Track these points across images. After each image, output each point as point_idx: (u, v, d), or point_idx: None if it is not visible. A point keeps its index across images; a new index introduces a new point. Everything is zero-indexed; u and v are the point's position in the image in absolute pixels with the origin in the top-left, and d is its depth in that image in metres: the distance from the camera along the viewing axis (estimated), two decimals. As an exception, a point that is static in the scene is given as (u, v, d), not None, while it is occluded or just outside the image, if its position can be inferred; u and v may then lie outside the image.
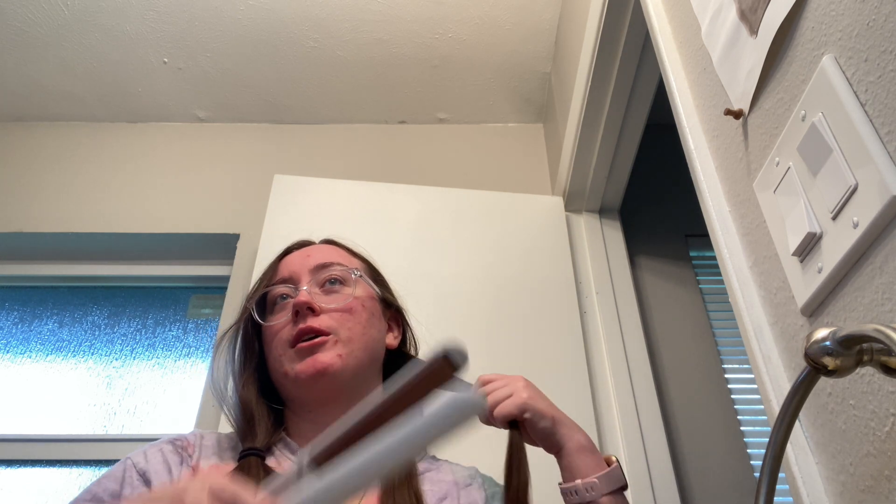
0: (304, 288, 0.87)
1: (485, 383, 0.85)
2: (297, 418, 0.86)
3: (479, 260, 1.60)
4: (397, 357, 0.95)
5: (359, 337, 0.86)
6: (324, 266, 0.90)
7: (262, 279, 0.94)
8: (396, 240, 1.59)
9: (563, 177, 1.77)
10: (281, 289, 0.90)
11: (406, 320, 0.99)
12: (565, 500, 0.80)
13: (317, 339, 0.83)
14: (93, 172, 2.01)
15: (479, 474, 0.88)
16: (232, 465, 0.79)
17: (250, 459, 0.77)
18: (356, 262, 0.95)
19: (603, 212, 1.81)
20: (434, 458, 0.90)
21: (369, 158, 2.06)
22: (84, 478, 1.63)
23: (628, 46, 1.38)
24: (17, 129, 2.10)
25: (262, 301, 0.91)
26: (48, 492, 1.63)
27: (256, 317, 0.89)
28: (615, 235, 1.78)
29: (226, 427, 1.00)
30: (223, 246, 1.84)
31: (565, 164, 1.74)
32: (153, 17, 1.86)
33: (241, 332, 0.91)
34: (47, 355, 1.84)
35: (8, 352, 1.85)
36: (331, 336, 0.84)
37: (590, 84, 1.49)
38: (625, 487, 0.80)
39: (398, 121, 2.15)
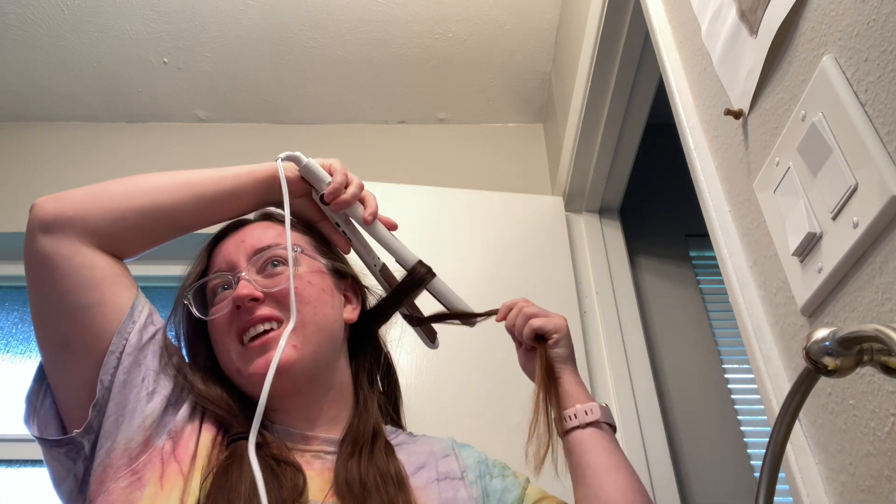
0: (243, 274, 0.80)
1: (510, 308, 0.93)
2: (268, 410, 0.81)
3: (479, 260, 1.60)
4: (363, 328, 0.91)
5: (311, 319, 0.80)
6: (262, 249, 0.83)
7: (196, 269, 0.87)
8: (396, 240, 1.59)
9: (563, 177, 1.77)
10: (219, 279, 0.83)
11: (364, 288, 0.93)
12: (560, 428, 0.83)
13: (267, 336, 0.77)
14: (93, 172, 2.00)
15: (455, 444, 0.88)
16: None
17: (242, 443, 0.73)
18: (296, 237, 0.87)
19: (603, 212, 1.81)
20: (410, 433, 0.90)
21: (369, 158, 2.06)
22: (84, 478, 1.63)
23: (628, 46, 1.38)
24: (17, 129, 2.10)
25: (201, 292, 0.85)
26: (48, 492, 1.63)
27: (197, 312, 0.82)
28: (615, 235, 1.78)
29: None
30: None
31: (565, 164, 1.74)
32: (153, 17, 1.86)
33: (183, 327, 0.85)
34: (47, 355, 1.84)
35: (8, 352, 1.85)
36: (281, 326, 0.78)
37: (590, 84, 1.49)
38: (615, 428, 0.85)
39: (398, 121, 2.15)
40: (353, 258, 0.95)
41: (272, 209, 0.92)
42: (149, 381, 0.74)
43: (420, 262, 0.91)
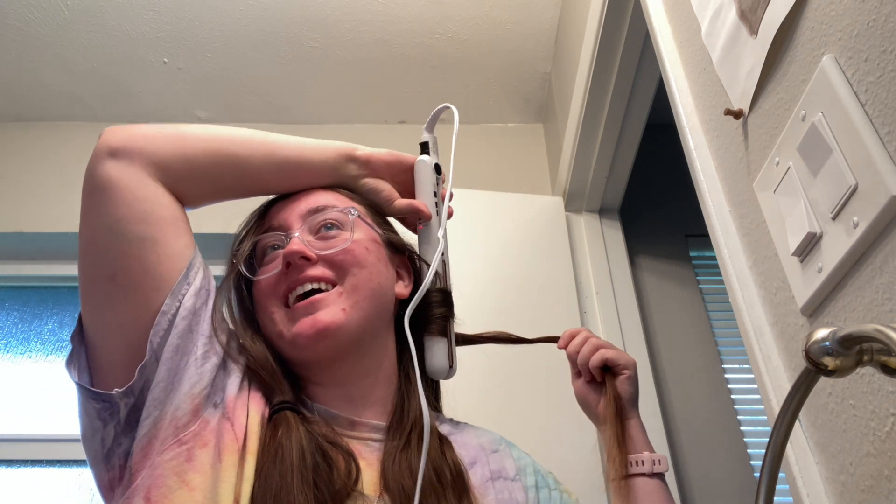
0: (296, 235, 0.77)
1: (573, 335, 0.89)
2: (305, 382, 0.77)
3: (479, 260, 1.60)
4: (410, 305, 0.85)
5: (364, 284, 0.76)
6: (317, 210, 0.80)
7: (247, 229, 0.84)
8: (396, 240, 1.59)
9: (563, 177, 1.77)
10: (270, 238, 0.80)
11: (418, 266, 0.88)
12: (623, 470, 0.80)
13: (316, 296, 0.74)
14: (93, 172, 2.00)
15: (504, 441, 0.85)
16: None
17: (285, 413, 0.69)
18: (354, 204, 0.83)
19: (603, 212, 1.81)
20: (452, 420, 0.85)
21: (369, 158, 2.05)
22: (84, 478, 1.63)
23: (628, 46, 1.38)
24: (17, 128, 2.10)
25: (251, 254, 0.81)
26: (48, 492, 1.63)
27: (245, 272, 0.79)
28: (615, 235, 1.78)
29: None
30: (224, 246, 1.84)
31: (565, 164, 1.74)
32: (153, 17, 1.86)
33: (232, 289, 0.81)
34: (47, 355, 1.84)
35: (8, 352, 1.85)
36: (334, 288, 0.75)
37: (590, 84, 1.49)
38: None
39: (398, 121, 2.15)
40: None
41: None
42: (200, 345, 0.70)
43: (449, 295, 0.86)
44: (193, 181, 0.75)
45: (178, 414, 0.66)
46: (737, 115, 0.73)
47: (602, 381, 0.87)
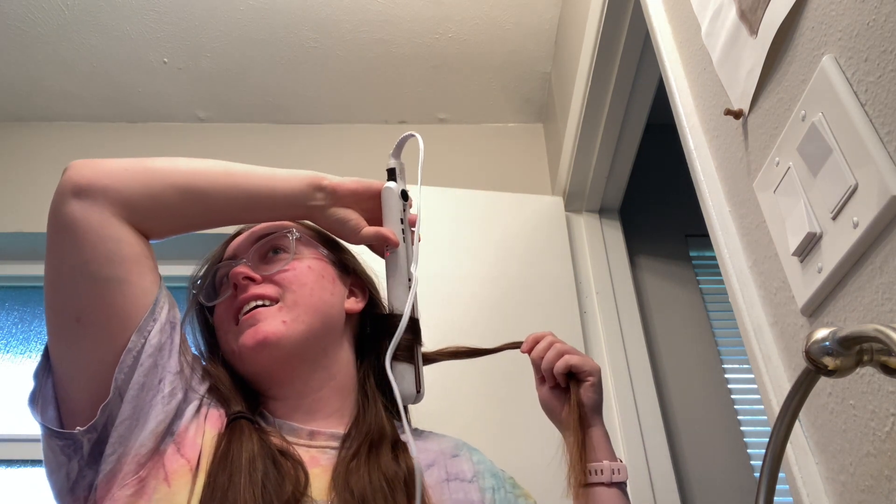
0: (244, 260, 0.83)
1: (537, 340, 0.90)
2: (265, 398, 0.81)
3: (479, 260, 1.60)
4: (374, 321, 0.89)
5: (305, 300, 0.80)
6: (263, 236, 0.85)
7: (208, 261, 0.90)
8: (396, 240, 1.58)
9: (563, 177, 1.77)
10: (224, 268, 0.85)
11: (372, 285, 0.93)
12: (582, 477, 0.81)
13: (257, 310, 0.78)
14: (93, 172, 2.00)
15: (466, 446, 0.87)
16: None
17: (241, 422, 0.72)
18: (296, 226, 0.89)
19: (603, 212, 1.81)
20: (417, 429, 0.88)
21: (369, 158, 2.05)
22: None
23: (628, 46, 1.38)
24: (17, 128, 2.10)
25: (213, 285, 0.87)
26: (48, 492, 1.63)
27: (202, 299, 0.84)
28: (615, 235, 1.78)
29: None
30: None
31: (565, 164, 1.74)
32: (153, 17, 1.85)
33: (196, 319, 0.86)
34: (47, 355, 1.84)
35: (8, 352, 1.85)
36: (276, 303, 0.79)
37: (590, 84, 1.49)
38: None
39: (398, 121, 2.15)
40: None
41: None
42: (166, 383, 0.71)
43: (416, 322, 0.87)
44: (160, 217, 0.76)
45: (142, 451, 0.68)
46: (737, 115, 0.73)
47: (567, 388, 0.86)
